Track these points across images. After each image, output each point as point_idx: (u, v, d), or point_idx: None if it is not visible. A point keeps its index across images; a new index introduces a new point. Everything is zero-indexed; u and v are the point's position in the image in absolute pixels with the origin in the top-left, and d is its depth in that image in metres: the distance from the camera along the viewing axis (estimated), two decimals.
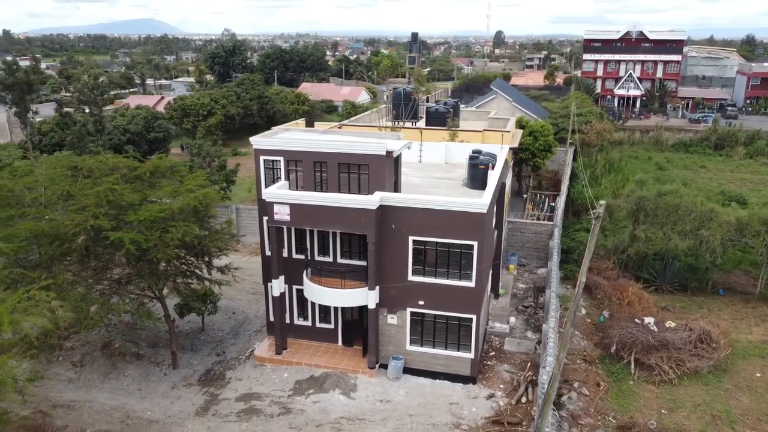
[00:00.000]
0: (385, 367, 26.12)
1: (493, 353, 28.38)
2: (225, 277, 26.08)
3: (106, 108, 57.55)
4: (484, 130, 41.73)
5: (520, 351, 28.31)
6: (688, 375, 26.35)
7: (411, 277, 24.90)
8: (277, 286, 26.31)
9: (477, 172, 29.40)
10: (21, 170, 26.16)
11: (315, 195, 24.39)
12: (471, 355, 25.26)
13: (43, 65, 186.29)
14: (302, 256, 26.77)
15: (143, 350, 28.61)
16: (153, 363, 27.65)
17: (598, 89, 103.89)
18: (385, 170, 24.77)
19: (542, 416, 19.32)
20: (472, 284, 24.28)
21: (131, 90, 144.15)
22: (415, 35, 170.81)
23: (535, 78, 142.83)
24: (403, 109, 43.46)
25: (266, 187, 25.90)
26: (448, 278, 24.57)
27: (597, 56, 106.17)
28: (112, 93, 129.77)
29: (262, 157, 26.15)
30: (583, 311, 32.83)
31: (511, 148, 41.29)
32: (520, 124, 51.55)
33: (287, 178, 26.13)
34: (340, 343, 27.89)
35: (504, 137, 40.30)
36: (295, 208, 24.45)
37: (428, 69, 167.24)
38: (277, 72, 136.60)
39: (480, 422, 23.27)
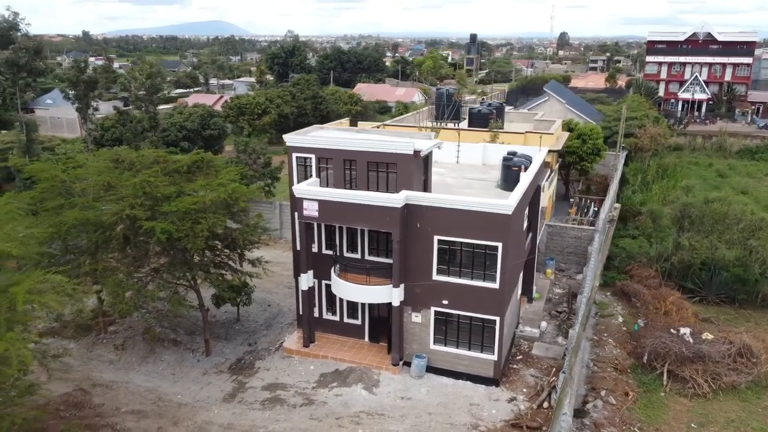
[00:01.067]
0: (409, 364, 26.32)
1: (521, 357, 28.10)
2: (256, 270, 26.91)
3: (166, 106, 60.01)
4: (527, 132, 41.27)
5: (548, 356, 27.91)
6: (724, 390, 25.33)
7: (435, 277, 25.00)
8: (305, 280, 26.96)
9: (510, 174, 29.18)
10: (72, 162, 27.84)
11: (342, 192, 24.86)
12: (494, 357, 25.12)
13: (116, 65, 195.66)
14: (331, 252, 27.31)
15: (181, 337, 29.86)
16: (188, 349, 28.83)
17: (661, 92, 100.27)
18: (412, 169, 24.98)
19: (554, 420, 19.07)
20: (496, 286, 24.16)
21: (195, 89, 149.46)
22: (473, 36, 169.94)
23: (596, 80, 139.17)
24: (445, 109, 43.44)
25: (298, 183, 26.58)
26: (472, 279, 24.54)
27: (661, 58, 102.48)
28: (176, 91, 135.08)
29: (294, 154, 26.86)
30: (620, 319, 32.02)
31: (556, 151, 40.69)
32: (568, 127, 50.61)
33: (318, 175, 26.73)
34: (366, 339, 28.26)
35: (545, 139, 39.75)
36: (323, 204, 25.01)
37: (486, 71, 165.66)
38: (335, 73, 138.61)
39: (499, 424, 23.13)
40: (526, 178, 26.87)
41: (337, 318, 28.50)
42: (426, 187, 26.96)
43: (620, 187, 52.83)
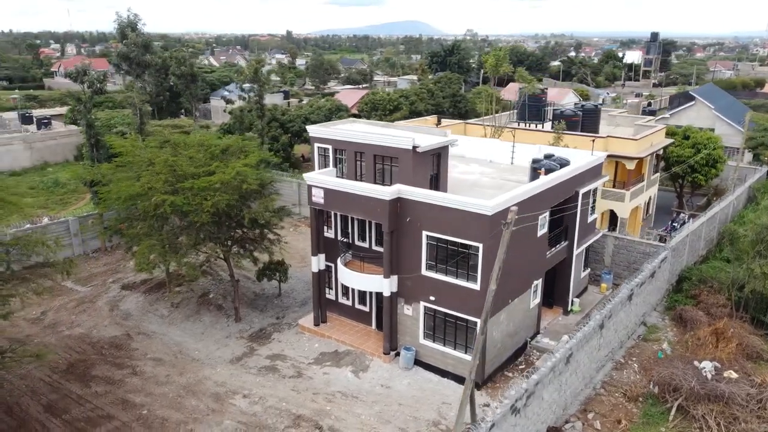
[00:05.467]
0: None
1: (523, 366, 27.01)
2: (274, 247, 29.29)
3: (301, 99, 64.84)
4: (608, 136, 38.55)
5: None
6: None
7: (424, 272, 25.21)
8: (316, 262, 28.68)
9: (535, 177, 28.02)
10: (146, 142, 32.49)
11: (342, 182, 26.14)
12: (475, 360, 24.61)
13: (301, 61, 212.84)
14: (345, 239, 28.69)
15: (227, 304, 33.34)
16: (225, 315, 32.16)
17: None
18: (411, 164, 25.39)
19: (457, 420, 18.67)
20: (476, 287, 23.74)
21: (363, 86, 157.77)
22: (654, 35, 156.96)
23: None
24: (527, 110, 41.99)
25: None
26: (456, 277, 24.38)
27: None
28: (341, 87, 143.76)
29: (316, 145, 28.65)
30: (664, 345, 29.01)
31: (636, 158, 37.60)
32: (684, 134, 45.90)
33: (335, 165, 28.24)
34: (373, 326, 29.21)
35: (619, 145, 37.04)
36: (327, 192, 26.52)
37: (662, 73, 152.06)
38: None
39: (467, 427, 22.80)
40: (538, 182, 25.75)
41: (350, 303, 29.82)
42: (435, 183, 27.09)
43: (747, 205, 46.49)
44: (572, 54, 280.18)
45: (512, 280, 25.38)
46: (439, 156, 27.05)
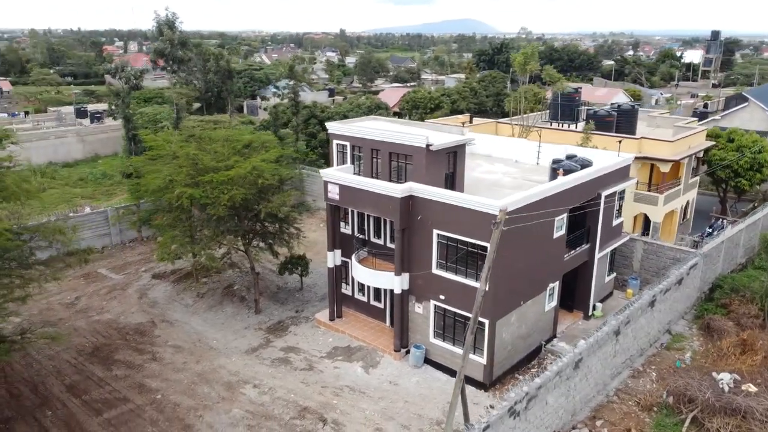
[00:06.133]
0: None
1: (536, 370, 26.54)
2: (294, 242, 29.80)
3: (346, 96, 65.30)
4: (642, 137, 37.42)
5: None
6: None
7: (435, 270, 25.15)
8: (332, 258, 28.99)
9: (554, 177, 27.50)
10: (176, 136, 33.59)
11: (356, 178, 26.34)
12: (483, 361, 24.45)
13: (352, 60, 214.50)
14: (360, 235, 28.90)
15: (249, 296, 34.09)
16: (247, 307, 32.89)
17: None
18: (424, 162, 25.35)
19: (447, 419, 18.56)
20: (485, 287, 23.46)
21: (411, 84, 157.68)
22: (715, 34, 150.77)
23: None
24: (559, 110, 41.15)
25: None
26: (466, 277, 24.22)
27: None
28: (385, 84, 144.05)
29: (335, 141, 28.95)
30: (687, 354, 28.00)
31: (672, 161, 36.40)
32: (729, 137, 44.05)
33: (352, 162, 28.46)
34: (387, 323, 29.30)
35: (651, 146, 35.91)
36: (342, 189, 26.79)
37: (723, 73, 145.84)
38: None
39: (461, 428, 22.67)
40: (552, 183, 25.28)
41: (365, 299, 30.02)
42: (450, 182, 26.94)
43: None
44: (630, 53, 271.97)
45: (523, 282, 25.03)
46: (455, 155, 26.89)
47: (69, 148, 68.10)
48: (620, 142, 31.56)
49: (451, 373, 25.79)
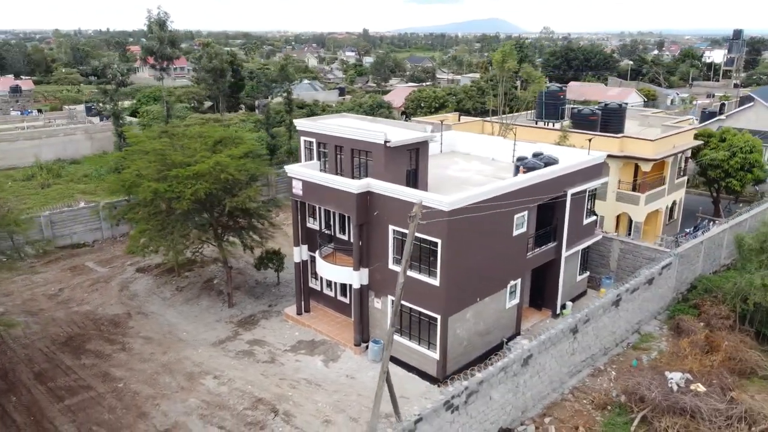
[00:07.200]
0: None
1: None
2: (264, 236, 30.31)
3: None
4: (623, 136, 37.09)
5: None
6: None
7: (391, 266, 25.36)
8: (298, 253, 29.39)
9: (517, 174, 27.50)
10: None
11: (317, 174, 26.70)
12: (437, 356, 24.60)
13: (370, 59, 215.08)
14: (327, 231, 29.24)
15: (227, 290, 34.67)
16: (222, 300, 33.46)
17: None
18: (382, 158, 25.58)
19: (372, 412, 18.78)
20: (437, 283, 23.67)
21: (427, 84, 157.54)
22: (737, 33, 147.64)
23: None
24: (544, 108, 40.94)
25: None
26: (420, 273, 24.38)
27: None
28: (399, 83, 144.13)
29: (302, 138, 29.33)
30: (652, 355, 27.74)
31: (652, 160, 36.04)
32: (721, 137, 43.38)
33: (319, 158, 28.81)
34: (353, 317, 29.53)
35: (633, 145, 35.59)
36: (305, 184, 27.18)
37: (744, 73, 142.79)
38: (559, 71, 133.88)
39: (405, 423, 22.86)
40: (509, 181, 25.31)
41: (332, 294, 30.35)
42: (413, 179, 27.11)
43: None
44: (654, 52, 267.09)
45: (479, 279, 25.08)
46: (417, 152, 27.05)
47: (77, 145, 69.61)
48: (590, 140, 31.33)
49: (408, 368, 26.00)
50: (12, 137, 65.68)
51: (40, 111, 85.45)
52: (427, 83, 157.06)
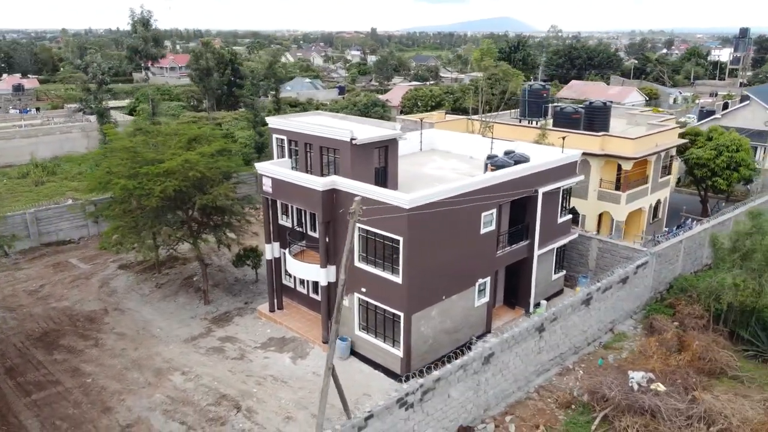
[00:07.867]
0: None
1: None
2: (232, 236, 30.40)
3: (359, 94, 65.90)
4: (603, 134, 36.87)
5: None
6: None
7: (357, 263, 25.36)
8: (270, 250, 29.47)
9: (486, 171, 27.42)
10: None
11: (285, 171, 26.76)
12: (400, 354, 24.59)
13: (374, 58, 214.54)
14: (299, 228, 29.30)
15: (206, 287, 34.82)
16: (199, 297, 33.60)
17: None
18: (349, 156, 25.59)
19: (319, 410, 18.81)
20: (399, 280, 23.66)
21: (430, 82, 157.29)
22: (743, 31, 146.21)
23: None
24: (527, 106, 40.74)
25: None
26: (384, 270, 24.38)
27: None
28: (400, 83, 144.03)
29: (274, 135, 29.41)
30: (623, 354, 27.57)
31: (634, 159, 35.80)
32: (708, 136, 43.03)
33: (290, 156, 28.87)
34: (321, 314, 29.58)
35: (612, 144, 35.42)
36: (274, 182, 27.25)
37: (750, 72, 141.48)
38: (562, 69, 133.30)
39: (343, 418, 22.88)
40: (474, 180, 25.26)
41: (305, 291, 30.41)
42: (382, 177, 27.10)
43: None
44: (663, 51, 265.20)
45: (444, 277, 25.02)
46: (386, 149, 27.04)
47: (74, 143, 70.12)
48: (564, 138, 31.12)
49: (374, 365, 26.01)
50: (9, 135, 66.34)
51: (38, 109, 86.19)
52: (431, 82, 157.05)
